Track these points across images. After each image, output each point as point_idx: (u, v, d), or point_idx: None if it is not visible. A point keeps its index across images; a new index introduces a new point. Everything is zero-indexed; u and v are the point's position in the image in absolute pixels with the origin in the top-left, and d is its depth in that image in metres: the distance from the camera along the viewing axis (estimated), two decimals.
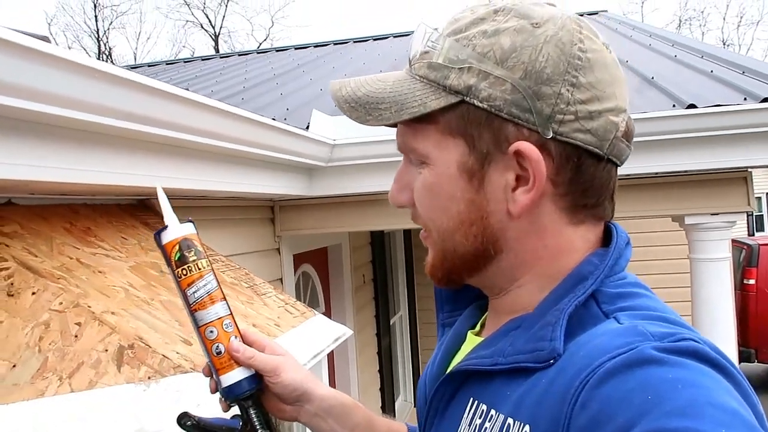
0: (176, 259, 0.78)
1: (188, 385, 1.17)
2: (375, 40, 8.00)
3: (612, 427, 0.47)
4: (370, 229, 4.41)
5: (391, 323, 5.51)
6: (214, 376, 0.82)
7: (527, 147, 0.61)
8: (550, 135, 0.62)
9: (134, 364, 1.16)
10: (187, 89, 1.77)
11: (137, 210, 1.99)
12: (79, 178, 1.41)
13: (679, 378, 0.48)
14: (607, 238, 0.69)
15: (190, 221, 0.82)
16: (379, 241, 5.11)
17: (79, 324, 1.20)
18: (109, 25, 27.61)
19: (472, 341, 0.74)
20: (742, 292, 7.84)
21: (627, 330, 0.56)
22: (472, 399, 0.64)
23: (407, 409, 5.92)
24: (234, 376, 0.80)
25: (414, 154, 0.68)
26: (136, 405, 1.10)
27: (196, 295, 0.78)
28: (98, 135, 1.45)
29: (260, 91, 4.72)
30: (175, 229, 0.80)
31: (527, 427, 0.55)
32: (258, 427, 0.81)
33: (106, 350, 1.17)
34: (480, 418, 0.61)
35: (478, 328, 0.78)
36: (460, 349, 0.77)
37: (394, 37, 7.93)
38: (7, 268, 1.25)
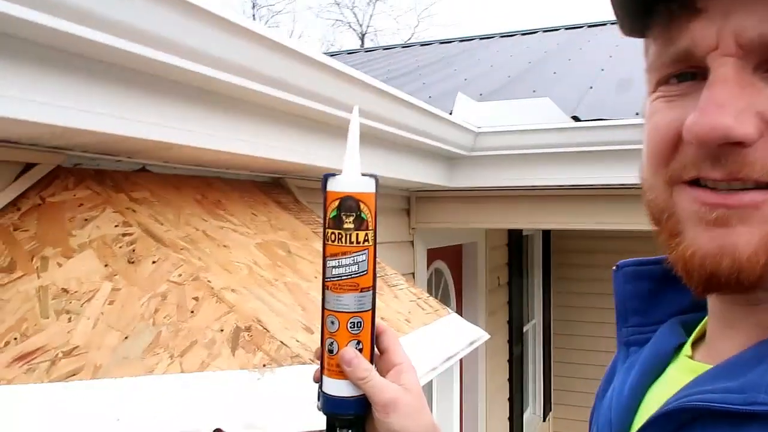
0: (331, 216, 0.61)
1: (306, 378, 1.03)
2: (523, 34, 7.66)
3: None
4: (510, 227, 4.16)
5: (524, 331, 5.20)
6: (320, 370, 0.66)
7: None
8: None
9: (250, 348, 1.04)
10: None
11: (271, 188, 1.92)
12: (221, 145, 1.33)
13: None
14: None
15: (374, 176, 0.62)
16: (516, 242, 4.82)
17: (196, 299, 1.10)
18: (265, 23, 29.19)
19: (687, 367, 0.53)
20: None
21: None
22: None
23: (536, 424, 5.57)
24: (337, 387, 0.63)
25: None
26: (247, 395, 0.98)
27: (334, 272, 0.61)
28: (244, 103, 1.37)
29: (403, 81, 4.61)
30: (347, 179, 0.61)
31: None
32: None
33: (222, 330, 1.06)
34: None
35: (688, 349, 0.56)
36: (662, 375, 0.55)
37: (544, 32, 7.54)
38: (130, 234, 1.18)
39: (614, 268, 0.65)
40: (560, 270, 6.04)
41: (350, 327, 0.62)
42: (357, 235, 0.61)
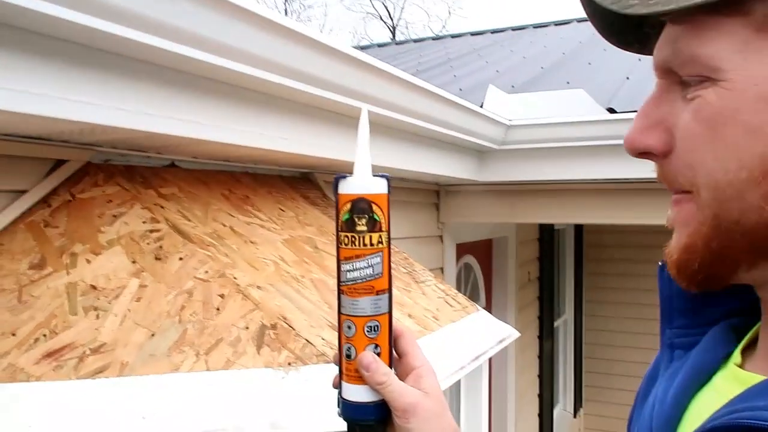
0: (344, 220, 0.61)
1: (331, 377, 1.03)
2: (557, 25, 7.51)
3: None
4: (542, 222, 4.10)
5: (554, 326, 5.13)
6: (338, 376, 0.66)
7: None
8: None
9: (275, 346, 1.04)
10: None
11: (299, 183, 1.91)
12: (250, 141, 1.33)
13: None
14: None
15: (385, 177, 0.62)
16: (548, 237, 4.76)
17: (222, 296, 1.10)
18: (297, 18, 29.25)
19: (735, 377, 0.49)
20: None
21: None
22: None
23: (566, 420, 5.51)
24: (356, 392, 0.62)
25: (693, 67, 0.44)
26: (272, 394, 0.97)
27: (348, 276, 0.61)
28: (273, 98, 1.37)
29: (433, 73, 4.57)
30: (358, 181, 0.61)
31: None
32: None
33: (247, 328, 1.05)
34: None
35: (738, 357, 0.52)
36: (708, 384, 0.52)
37: (578, 21, 7.39)
38: (158, 230, 1.18)
39: (659, 264, 0.61)
40: (593, 265, 5.94)
41: (367, 331, 0.61)
42: (370, 237, 0.60)
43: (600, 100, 2.45)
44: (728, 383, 0.49)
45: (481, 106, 2.42)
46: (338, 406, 0.65)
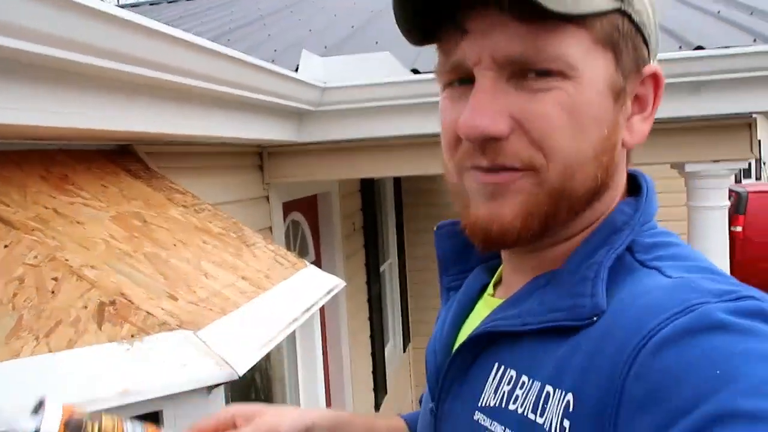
0: None
1: (174, 343, 1.11)
2: None
3: (673, 403, 0.41)
4: (360, 177, 4.32)
5: (380, 271, 5.48)
6: None
7: (660, 70, 0.59)
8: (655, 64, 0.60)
9: (116, 321, 1.09)
10: None
11: (119, 156, 1.89)
12: (58, 121, 1.29)
13: (752, 349, 0.41)
14: (630, 185, 0.64)
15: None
16: (368, 188, 5.02)
17: (55, 279, 1.12)
18: None
19: (488, 303, 0.68)
20: (728, 239, 7.89)
21: (679, 285, 0.49)
22: (497, 364, 0.58)
23: (396, 356, 5.96)
24: None
25: (556, 63, 0.52)
26: (119, 365, 1.04)
27: None
28: (76, 75, 1.33)
29: (247, 32, 4.53)
30: (51, 411, 0.62)
31: (570, 396, 0.48)
32: None
33: (86, 307, 1.09)
34: (508, 384, 0.55)
35: (491, 289, 0.71)
36: (472, 312, 0.71)
37: None
38: None
39: (435, 228, 0.79)
40: (411, 209, 6.36)
41: None
42: (104, 425, 0.63)
43: (405, 61, 2.66)
44: (484, 308, 0.68)
45: (296, 70, 2.51)
46: None
